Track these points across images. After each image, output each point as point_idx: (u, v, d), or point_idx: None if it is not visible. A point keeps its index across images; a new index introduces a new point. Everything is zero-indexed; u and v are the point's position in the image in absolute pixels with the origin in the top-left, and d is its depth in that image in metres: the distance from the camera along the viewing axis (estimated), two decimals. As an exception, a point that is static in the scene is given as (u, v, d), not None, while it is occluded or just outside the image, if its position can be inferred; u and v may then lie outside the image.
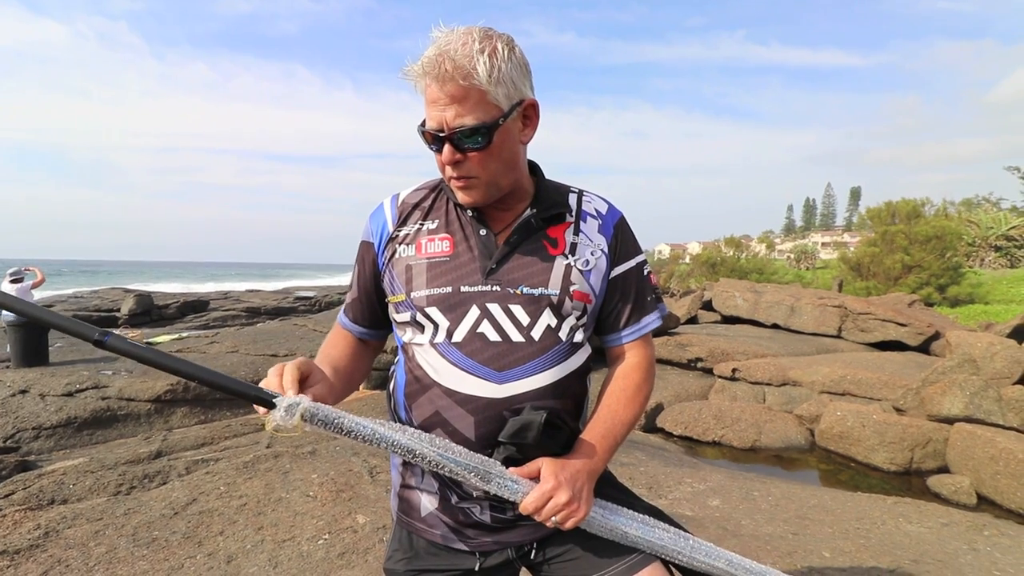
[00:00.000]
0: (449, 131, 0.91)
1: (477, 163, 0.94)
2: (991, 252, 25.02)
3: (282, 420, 0.81)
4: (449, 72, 0.88)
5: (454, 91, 0.89)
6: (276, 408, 0.82)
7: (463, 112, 0.90)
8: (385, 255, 1.07)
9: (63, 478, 3.54)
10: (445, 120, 0.91)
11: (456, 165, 0.95)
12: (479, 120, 0.91)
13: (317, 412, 0.84)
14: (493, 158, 0.95)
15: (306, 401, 0.84)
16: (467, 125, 0.90)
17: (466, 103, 0.90)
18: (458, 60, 0.88)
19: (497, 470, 0.92)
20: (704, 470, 4.24)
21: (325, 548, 2.61)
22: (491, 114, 0.92)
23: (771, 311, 10.88)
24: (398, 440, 0.88)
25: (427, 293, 1.00)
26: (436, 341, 1.00)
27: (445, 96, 0.90)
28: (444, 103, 0.90)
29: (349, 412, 0.90)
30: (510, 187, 1.02)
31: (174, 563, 2.46)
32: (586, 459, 0.98)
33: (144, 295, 17.92)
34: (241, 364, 7.53)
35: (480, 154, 0.94)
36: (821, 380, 6.56)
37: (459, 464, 0.90)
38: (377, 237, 1.09)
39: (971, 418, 4.81)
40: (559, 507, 0.91)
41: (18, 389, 5.97)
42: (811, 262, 36.16)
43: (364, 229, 1.13)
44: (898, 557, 2.72)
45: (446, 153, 0.93)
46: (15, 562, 2.41)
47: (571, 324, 1.02)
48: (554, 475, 0.93)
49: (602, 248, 1.06)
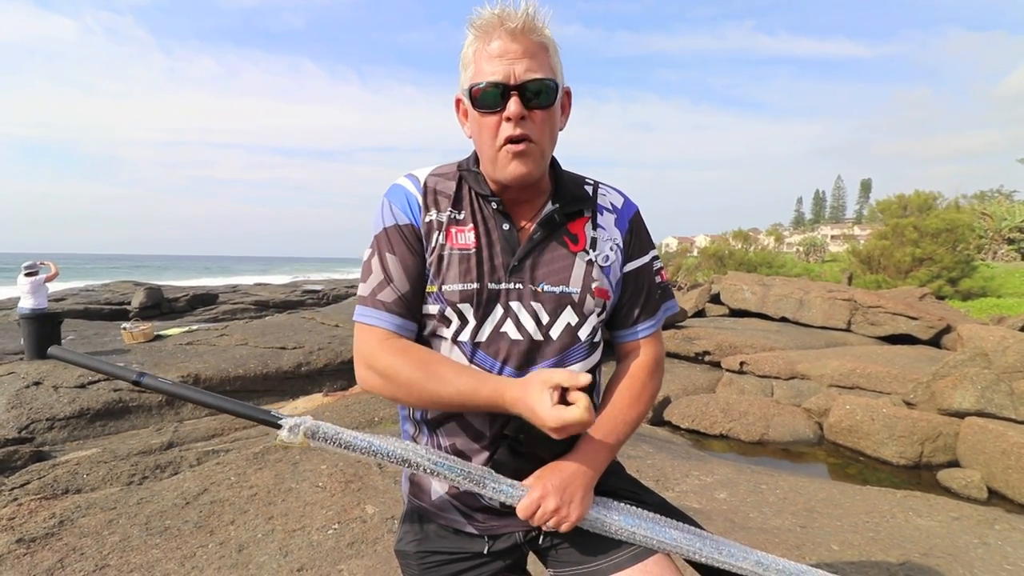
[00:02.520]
0: (519, 81, 0.90)
1: (539, 123, 0.93)
2: (1004, 245, 24.70)
3: (287, 439, 0.92)
4: (525, 26, 0.89)
5: (528, 45, 0.90)
6: (282, 429, 0.92)
7: (534, 67, 0.91)
8: (426, 240, 1.00)
9: (77, 468, 3.60)
10: (514, 73, 0.90)
11: (520, 122, 0.92)
12: (548, 76, 0.92)
13: (318, 430, 0.92)
14: (551, 123, 0.95)
15: (308, 421, 0.92)
16: (539, 77, 0.91)
17: (536, 59, 0.91)
18: (532, 17, 0.90)
19: (492, 477, 0.94)
20: (711, 463, 4.23)
21: (335, 537, 2.63)
22: (555, 76, 0.94)
23: (779, 304, 10.81)
24: (393, 452, 0.92)
25: (459, 288, 0.97)
26: (460, 339, 0.98)
27: (518, 48, 0.90)
28: (515, 55, 0.90)
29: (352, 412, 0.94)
30: (543, 171, 1.01)
31: (186, 551, 2.50)
32: (581, 463, 0.97)
33: (154, 288, 18.07)
34: (251, 356, 7.59)
35: (544, 113, 0.93)
36: (830, 374, 6.51)
37: (453, 471, 0.93)
38: (414, 218, 1.00)
39: (982, 412, 4.76)
40: (547, 514, 0.92)
41: (32, 381, 6.05)
42: (820, 255, 35.85)
43: (388, 212, 1.01)
44: (908, 550, 2.71)
45: (513, 106, 0.90)
46: (31, 550, 2.46)
47: (592, 323, 1.01)
48: (542, 483, 0.93)
49: (617, 242, 1.05)
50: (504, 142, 0.93)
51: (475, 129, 0.97)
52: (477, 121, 0.95)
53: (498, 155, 0.94)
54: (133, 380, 0.94)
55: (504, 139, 0.93)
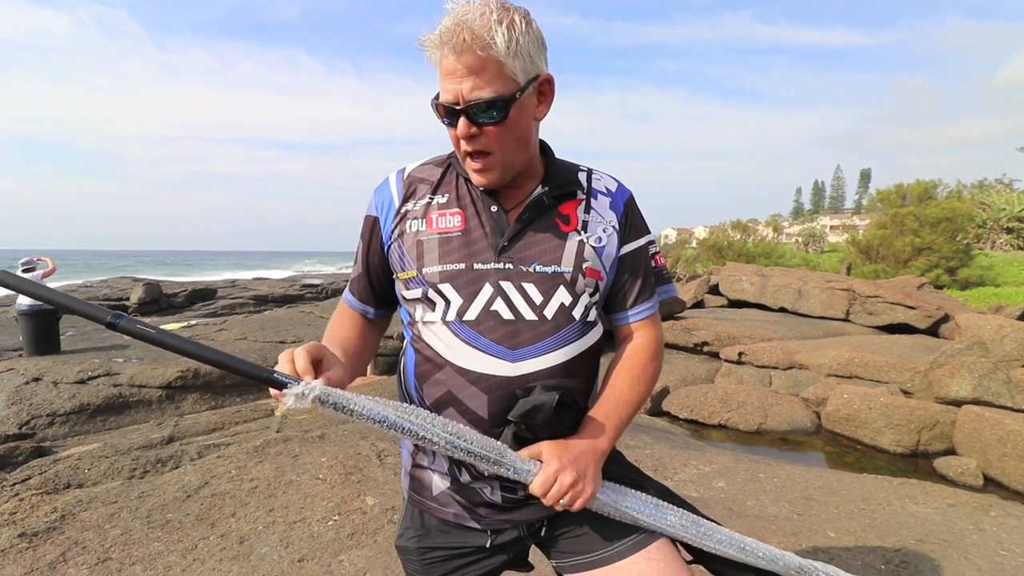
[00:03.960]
0: (465, 104, 0.89)
1: (493, 138, 0.93)
2: (1003, 234, 24.70)
3: (295, 403, 0.82)
4: (467, 42, 0.86)
5: (471, 62, 0.87)
6: (289, 391, 0.83)
7: (480, 84, 0.88)
8: (393, 230, 1.05)
9: (78, 463, 3.61)
10: (461, 92, 0.89)
11: (471, 139, 0.93)
12: (496, 93, 0.89)
13: (329, 396, 0.84)
14: (508, 133, 0.94)
15: (319, 385, 0.84)
16: (484, 98, 0.89)
17: (483, 75, 0.88)
18: (477, 30, 0.86)
19: (508, 454, 0.92)
20: (710, 452, 4.26)
21: (335, 529, 2.65)
22: (508, 87, 0.90)
23: (778, 295, 10.83)
24: (408, 426, 0.87)
25: (440, 269, 0.98)
26: (448, 319, 0.98)
27: (462, 67, 0.88)
28: (461, 75, 0.88)
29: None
30: (523, 166, 1.01)
31: (188, 544, 2.51)
32: (591, 440, 0.97)
33: (153, 284, 18.08)
34: (250, 351, 7.60)
35: (496, 128, 0.92)
36: (828, 363, 6.54)
37: (469, 449, 0.89)
38: (383, 211, 1.07)
39: (979, 400, 4.79)
40: (564, 488, 0.91)
41: (32, 377, 6.06)
42: (819, 245, 35.85)
43: (369, 203, 1.10)
44: (903, 537, 2.73)
45: (461, 126, 0.91)
46: (33, 544, 2.47)
47: (585, 302, 1.00)
48: (557, 457, 0.92)
49: (613, 225, 1.05)
50: (464, 155, 0.97)
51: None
52: (446, 129, 0.98)
53: (464, 162, 0.99)
54: (107, 322, 0.83)
55: (463, 152, 0.96)
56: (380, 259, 1.09)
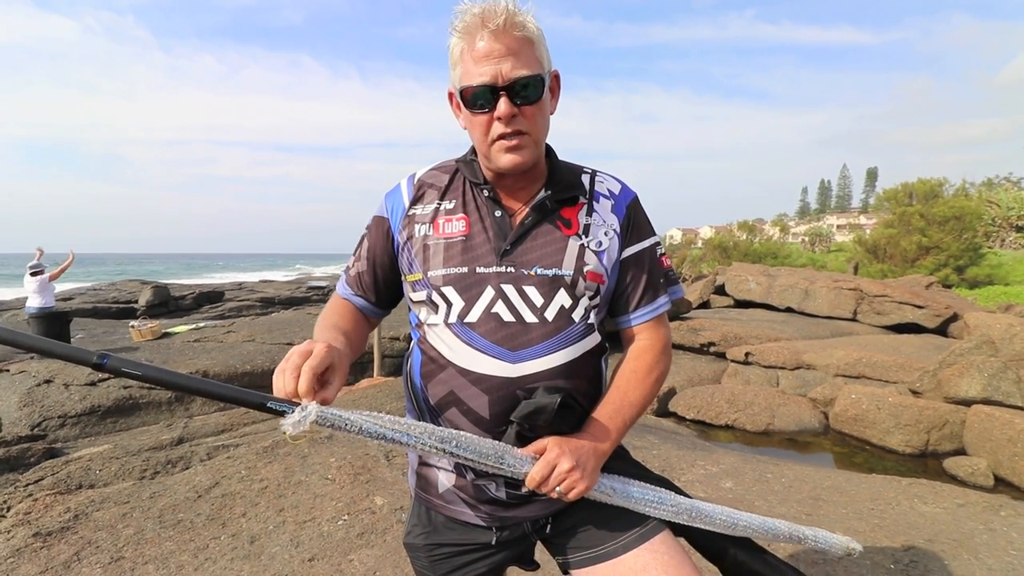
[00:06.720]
0: (506, 82, 0.91)
1: (530, 118, 0.95)
2: (1012, 232, 24.50)
3: (293, 430, 0.81)
4: (506, 24, 0.90)
5: (510, 43, 0.91)
6: (285, 421, 0.82)
7: (519, 65, 0.91)
8: (402, 233, 1.07)
9: (90, 464, 3.65)
10: (501, 72, 0.91)
11: (511, 120, 0.94)
12: (534, 72, 0.92)
13: (327, 418, 0.83)
14: (541, 114, 0.97)
15: (315, 409, 0.82)
16: (525, 75, 0.92)
17: (521, 56, 0.91)
18: (511, 14, 0.90)
19: (507, 458, 0.93)
20: (717, 453, 4.25)
21: (345, 528, 2.67)
22: (542, 68, 0.95)
23: (785, 295, 10.79)
24: (405, 439, 0.88)
25: (443, 272, 1.00)
26: (450, 321, 1.00)
27: (502, 47, 0.91)
28: (500, 55, 0.91)
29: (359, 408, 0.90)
30: (541, 157, 1.03)
31: (199, 543, 2.54)
32: (592, 439, 0.98)
33: (161, 287, 18.22)
34: (258, 353, 7.65)
35: (533, 108, 0.95)
36: (836, 363, 6.51)
37: (468, 457, 0.91)
38: (393, 214, 1.09)
39: (989, 400, 4.75)
40: (563, 474, 0.92)
41: (43, 379, 6.13)
42: (826, 245, 35.67)
43: (379, 205, 1.12)
44: (912, 537, 2.72)
45: (503, 107, 0.92)
46: (48, 543, 2.50)
47: (585, 305, 1.01)
48: (558, 445, 0.94)
49: (614, 228, 1.05)
50: (497, 138, 0.96)
51: (468, 125, 1.00)
52: (469, 119, 0.98)
53: (491, 149, 0.98)
54: (94, 363, 0.79)
55: (496, 135, 0.96)
56: (387, 257, 1.10)
